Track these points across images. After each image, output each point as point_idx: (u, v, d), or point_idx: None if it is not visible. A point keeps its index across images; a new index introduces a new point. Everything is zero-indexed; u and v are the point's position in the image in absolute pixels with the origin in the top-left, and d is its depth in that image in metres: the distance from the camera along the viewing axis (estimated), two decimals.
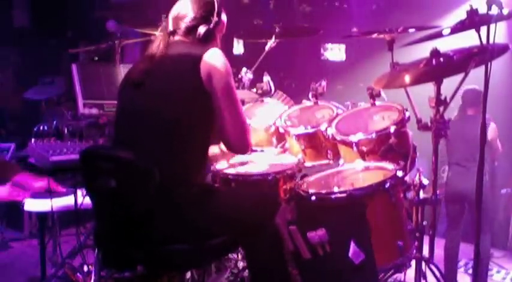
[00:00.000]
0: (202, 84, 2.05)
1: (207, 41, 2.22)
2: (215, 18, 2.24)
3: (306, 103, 3.19)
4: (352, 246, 2.17)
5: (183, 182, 2.06)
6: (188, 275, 2.71)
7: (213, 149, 2.59)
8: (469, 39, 2.41)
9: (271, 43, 3.57)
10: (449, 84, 2.61)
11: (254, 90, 3.36)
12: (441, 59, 2.50)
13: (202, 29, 2.20)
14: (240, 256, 2.82)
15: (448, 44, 2.63)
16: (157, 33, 2.28)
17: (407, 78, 2.65)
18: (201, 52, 2.08)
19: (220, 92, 2.08)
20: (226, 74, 2.10)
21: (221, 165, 2.80)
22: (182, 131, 2.05)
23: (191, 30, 2.20)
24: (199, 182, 2.13)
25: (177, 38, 2.21)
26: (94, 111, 3.37)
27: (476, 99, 4.04)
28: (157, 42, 2.17)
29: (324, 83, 3.15)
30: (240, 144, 2.20)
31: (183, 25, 2.20)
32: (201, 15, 2.21)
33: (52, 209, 3.27)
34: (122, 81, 2.22)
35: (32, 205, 3.43)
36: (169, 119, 2.04)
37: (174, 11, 2.23)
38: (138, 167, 1.96)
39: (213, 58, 2.08)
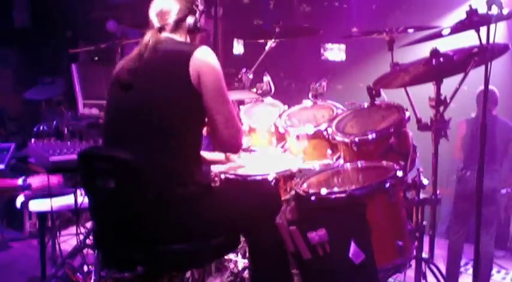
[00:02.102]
0: (191, 84, 2.04)
1: (195, 32, 2.22)
2: (200, 7, 2.23)
3: (306, 103, 3.19)
4: (352, 246, 2.16)
5: (181, 181, 2.06)
6: (188, 274, 2.71)
7: (219, 155, 2.59)
8: (469, 39, 2.42)
9: (271, 43, 3.57)
10: (449, 84, 2.61)
11: (254, 90, 3.36)
12: (441, 59, 2.50)
13: (191, 20, 2.19)
14: (240, 256, 2.82)
15: (448, 44, 2.63)
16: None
17: (407, 78, 2.65)
18: (189, 51, 2.07)
19: (210, 91, 2.07)
20: (214, 72, 2.08)
21: (222, 166, 2.80)
22: (175, 130, 2.05)
23: (180, 23, 2.18)
24: (197, 181, 2.13)
25: (165, 34, 2.18)
26: (94, 111, 3.37)
27: (494, 98, 4.07)
28: (147, 40, 2.14)
29: (324, 83, 3.15)
30: (230, 144, 2.19)
31: (171, 19, 2.18)
32: (186, 6, 2.19)
33: (52, 209, 3.28)
34: (112, 80, 2.18)
35: (32, 205, 3.44)
36: (161, 119, 2.03)
37: (157, 7, 2.20)
38: (137, 168, 1.96)
39: (202, 57, 2.06)
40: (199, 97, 2.07)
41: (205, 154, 2.40)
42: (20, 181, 3.30)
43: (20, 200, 3.48)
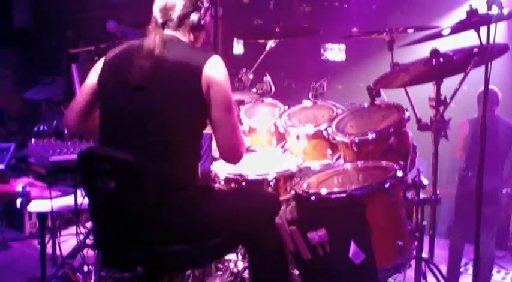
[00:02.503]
0: (201, 94, 2.05)
1: (199, 29, 2.20)
2: (205, 4, 2.21)
3: (306, 103, 3.20)
4: (352, 246, 2.17)
5: (182, 183, 2.06)
6: (188, 273, 2.71)
7: None
8: (469, 39, 2.42)
9: (271, 43, 3.57)
10: (449, 84, 2.61)
11: (254, 90, 3.36)
12: (441, 59, 2.50)
13: (195, 17, 2.17)
14: (240, 256, 2.82)
15: (448, 44, 2.63)
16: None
17: (407, 78, 2.65)
18: (201, 61, 2.06)
19: (218, 104, 2.08)
20: (224, 86, 2.09)
21: (222, 166, 2.80)
22: (178, 134, 2.05)
23: (183, 19, 2.16)
24: (197, 183, 2.13)
25: (169, 31, 2.16)
26: None
27: (496, 98, 4.07)
28: (152, 37, 2.11)
29: (324, 83, 3.15)
30: (231, 155, 2.20)
31: (175, 15, 2.15)
32: (191, 2, 2.17)
33: (52, 209, 3.28)
34: (113, 73, 2.14)
35: (32, 205, 3.44)
36: (165, 123, 2.03)
37: (161, 2, 2.16)
38: (138, 168, 1.96)
39: (215, 69, 2.07)
40: (206, 106, 2.08)
41: None
42: (19, 187, 3.31)
43: (19, 200, 3.47)
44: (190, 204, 2.05)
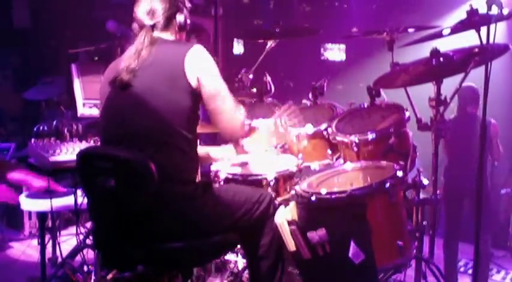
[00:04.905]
0: (189, 86, 2.07)
1: (184, 29, 2.26)
2: (187, 5, 2.28)
3: (306, 103, 3.19)
4: (352, 246, 2.16)
5: (180, 180, 2.07)
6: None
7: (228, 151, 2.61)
8: (469, 39, 2.42)
9: (271, 43, 3.57)
10: (449, 84, 2.61)
11: (254, 90, 3.36)
12: (441, 59, 2.50)
13: (180, 17, 2.23)
14: (240, 256, 2.82)
15: (448, 44, 2.63)
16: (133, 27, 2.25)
17: (407, 78, 2.65)
18: (183, 51, 2.10)
19: (209, 92, 2.11)
20: (211, 72, 2.13)
21: (221, 166, 2.80)
22: (173, 129, 2.06)
23: (170, 20, 2.22)
24: (195, 179, 2.15)
25: (157, 32, 2.21)
26: (94, 111, 3.38)
27: (474, 96, 4.05)
28: (141, 39, 2.16)
29: (324, 83, 3.15)
30: (233, 136, 2.29)
31: (162, 17, 2.20)
32: (173, 4, 2.23)
33: (52, 209, 3.28)
34: (108, 79, 2.19)
35: (32, 205, 3.44)
36: (159, 119, 2.05)
37: (145, 6, 2.21)
38: (137, 166, 1.96)
39: (196, 59, 2.10)
40: (197, 96, 2.10)
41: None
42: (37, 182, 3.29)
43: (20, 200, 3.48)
44: (189, 201, 2.06)
